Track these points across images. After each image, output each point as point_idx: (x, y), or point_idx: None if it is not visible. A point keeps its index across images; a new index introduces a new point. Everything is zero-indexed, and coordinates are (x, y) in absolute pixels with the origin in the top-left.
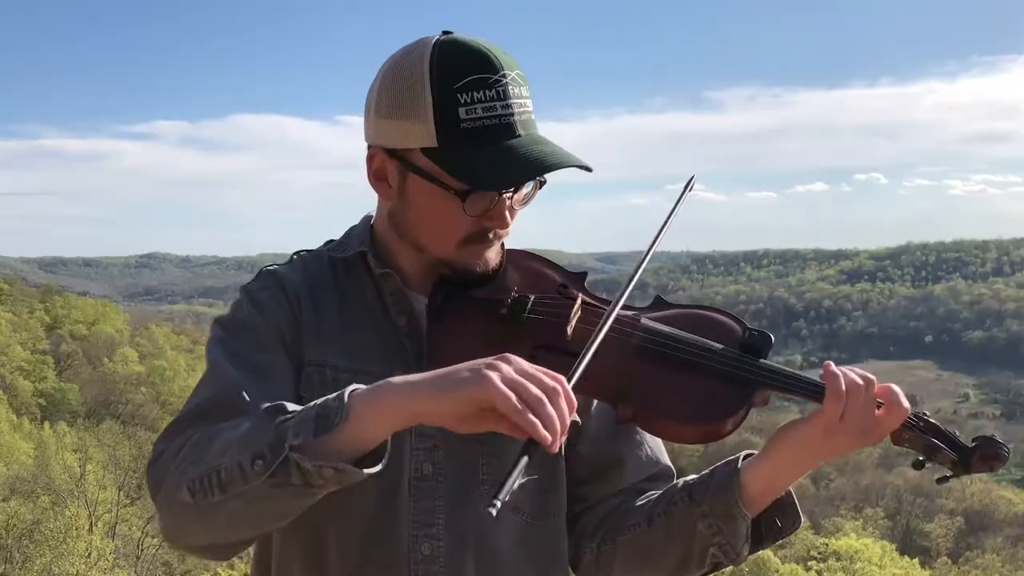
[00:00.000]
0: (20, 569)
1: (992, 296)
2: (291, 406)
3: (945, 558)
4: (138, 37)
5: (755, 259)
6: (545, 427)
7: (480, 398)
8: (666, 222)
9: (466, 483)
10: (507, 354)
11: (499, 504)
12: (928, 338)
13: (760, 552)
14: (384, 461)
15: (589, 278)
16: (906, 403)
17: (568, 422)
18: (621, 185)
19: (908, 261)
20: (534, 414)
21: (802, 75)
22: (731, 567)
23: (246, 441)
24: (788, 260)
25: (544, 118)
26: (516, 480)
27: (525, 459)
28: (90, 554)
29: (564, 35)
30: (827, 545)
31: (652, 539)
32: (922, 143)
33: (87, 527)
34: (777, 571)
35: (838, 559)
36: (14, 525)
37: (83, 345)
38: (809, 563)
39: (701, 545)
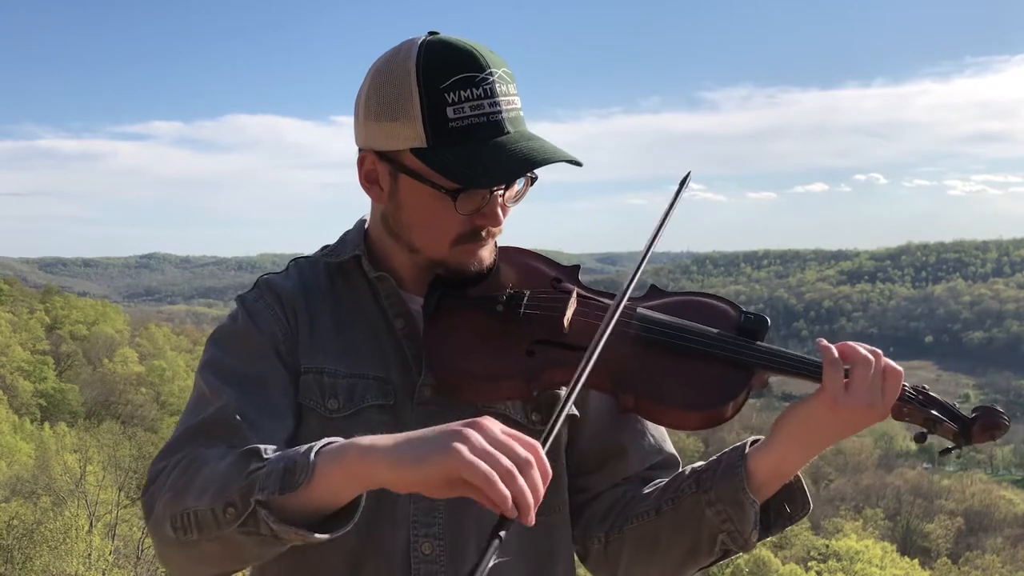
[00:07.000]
0: (20, 569)
1: (992, 296)
2: (268, 450)
3: (945, 558)
4: (133, 37)
5: (755, 259)
6: (516, 502)
7: (448, 469)
8: (664, 220)
9: None
10: (479, 419)
11: None
12: (928, 338)
13: (760, 553)
14: (354, 521)
15: (589, 279)
16: (898, 367)
17: (541, 495)
18: (618, 185)
19: (908, 261)
20: (506, 487)
21: (797, 75)
22: (731, 568)
23: (221, 485)
24: (788, 260)
25: (539, 118)
26: (488, 564)
27: (497, 542)
28: (90, 555)
29: (560, 35)
30: (827, 546)
31: (661, 527)
32: (919, 143)
33: (87, 528)
34: (777, 571)
35: (838, 560)
36: (15, 526)
37: (83, 345)
38: (809, 564)
39: (710, 532)
